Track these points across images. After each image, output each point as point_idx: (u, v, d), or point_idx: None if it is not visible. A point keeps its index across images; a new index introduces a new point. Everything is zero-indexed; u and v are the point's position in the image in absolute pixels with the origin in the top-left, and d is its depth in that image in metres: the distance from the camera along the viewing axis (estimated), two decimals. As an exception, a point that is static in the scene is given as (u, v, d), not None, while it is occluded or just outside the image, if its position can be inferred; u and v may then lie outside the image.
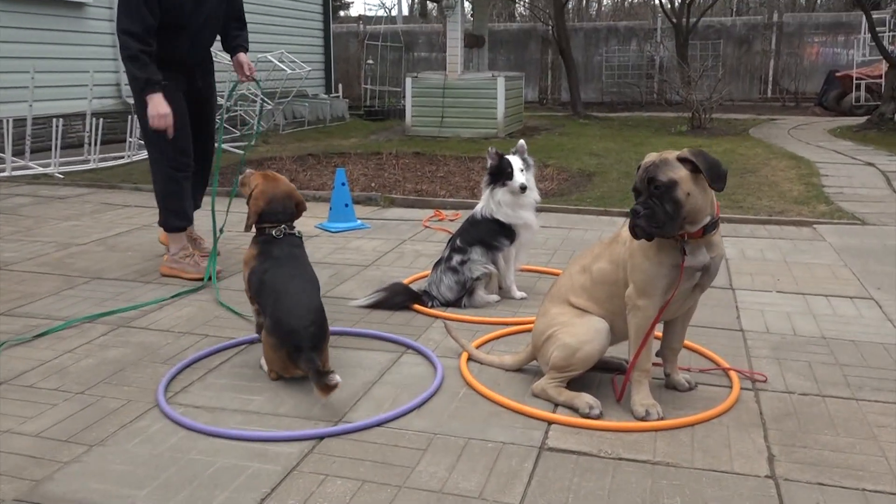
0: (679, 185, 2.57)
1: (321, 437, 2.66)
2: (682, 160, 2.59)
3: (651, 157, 2.65)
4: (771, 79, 19.56)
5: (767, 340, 3.58)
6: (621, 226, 2.96)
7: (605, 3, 32.85)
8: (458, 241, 4.16)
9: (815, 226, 6.00)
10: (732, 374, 3.14)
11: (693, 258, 2.71)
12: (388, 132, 13.27)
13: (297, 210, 3.36)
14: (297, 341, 3.00)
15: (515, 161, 4.10)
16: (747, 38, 19.66)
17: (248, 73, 4.75)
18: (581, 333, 2.87)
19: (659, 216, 2.57)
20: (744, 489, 2.34)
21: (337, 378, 2.81)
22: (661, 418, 2.77)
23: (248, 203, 3.32)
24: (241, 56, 4.76)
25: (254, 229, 3.32)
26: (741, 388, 3.03)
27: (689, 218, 2.62)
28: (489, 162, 4.17)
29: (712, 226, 2.71)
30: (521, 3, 23.91)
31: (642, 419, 2.77)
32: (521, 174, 4.07)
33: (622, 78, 19.91)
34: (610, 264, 2.90)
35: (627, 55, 20.02)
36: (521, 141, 4.28)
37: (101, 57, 10.49)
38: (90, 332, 3.69)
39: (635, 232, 2.63)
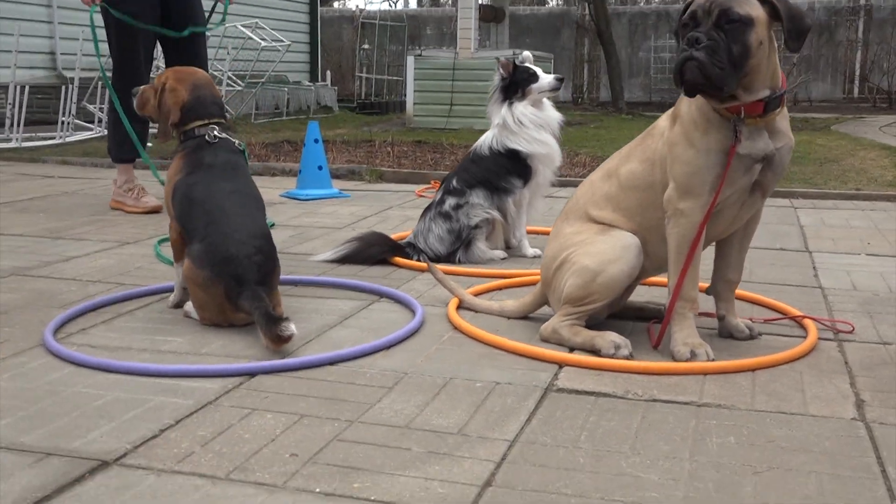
0: (755, 26, 2.37)
1: (252, 374, 2.44)
2: None
3: None
4: (858, 74, 19.43)
5: (854, 297, 3.35)
6: (662, 118, 2.75)
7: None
8: (453, 182, 3.96)
9: (915, 201, 5.77)
10: (808, 322, 2.91)
11: (751, 143, 2.49)
12: (384, 124, 13.17)
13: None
14: (238, 272, 2.79)
15: (533, 66, 3.96)
16: (828, 26, 19.59)
17: None
18: (603, 251, 2.64)
19: (721, 55, 2.34)
20: (823, 430, 2.10)
21: (293, 327, 2.59)
22: (712, 360, 2.52)
23: (157, 111, 3.11)
24: None
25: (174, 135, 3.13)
26: (819, 338, 2.79)
27: (749, 76, 2.41)
28: (498, 75, 4.00)
29: (775, 102, 2.50)
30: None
31: (687, 361, 2.52)
32: (546, 73, 3.96)
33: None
34: (642, 164, 2.68)
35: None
36: (526, 52, 4.13)
37: (32, 18, 10.48)
38: (-27, 278, 3.50)
39: (685, 71, 2.38)
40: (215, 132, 3.06)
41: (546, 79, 4.00)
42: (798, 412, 2.21)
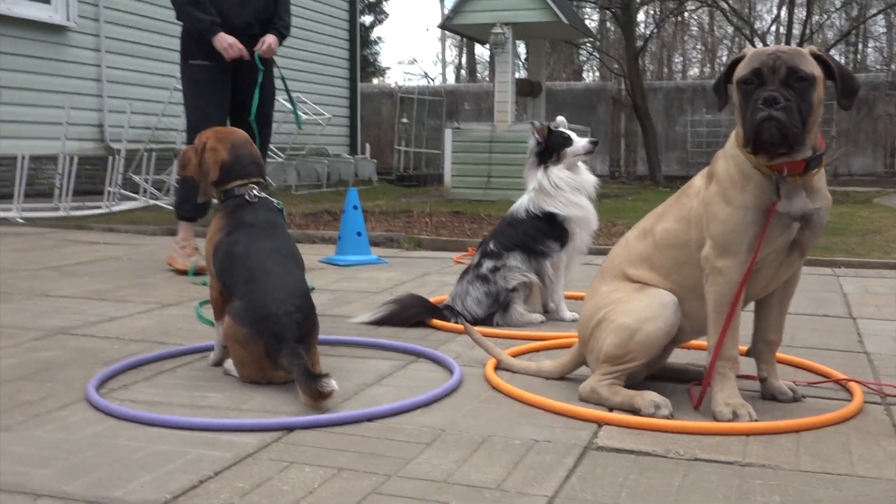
0: (817, 84, 2.41)
1: (291, 428, 2.44)
2: (816, 57, 2.45)
3: (778, 46, 2.51)
4: (898, 148, 19.35)
5: (901, 362, 3.29)
6: (703, 172, 2.77)
7: (689, 57, 33.34)
8: (491, 245, 3.98)
9: (960, 270, 5.69)
10: (853, 385, 2.86)
11: (789, 201, 2.49)
12: (422, 196, 13.31)
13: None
14: (277, 329, 2.81)
15: (568, 131, 4.01)
16: (867, 100, 19.58)
17: (263, 48, 5.21)
18: (640, 309, 2.64)
19: (795, 115, 2.38)
20: (871, 490, 2.05)
21: (333, 384, 2.60)
22: (755, 420, 2.48)
23: (198, 170, 3.18)
24: (269, 36, 5.27)
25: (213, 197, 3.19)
26: (865, 402, 2.74)
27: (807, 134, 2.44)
28: (533, 140, 4.06)
29: (815, 161, 2.51)
30: (589, 52, 24.40)
31: (729, 421, 2.49)
32: (580, 138, 4.00)
33: (711, 146, 19.88)
34: (678, 222, 2.69)
35: (718, 119, 20.05)
36: (560, 117, 4.19)
37: (83, 92, 10.81)
38: (19, 336, 3.56)
39: (762, 130, 2.38)
40: (255, 191, 3.12)
41: (580, 142, 4.05)
42: (845, 473, 2.17)
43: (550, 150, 4.05)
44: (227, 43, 5.11)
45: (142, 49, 11.52)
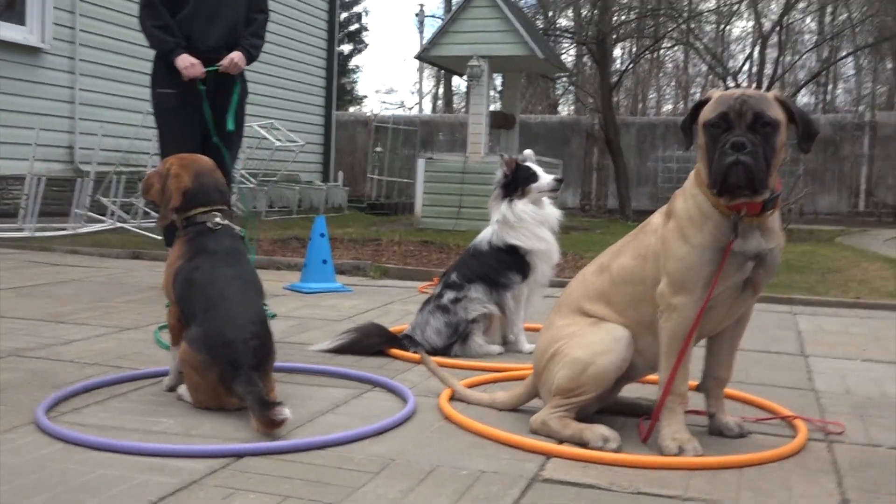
0: (780, 129, 2.48)
1: (240, 455, 2.45)
2: (779, 102, 2.52)
3: (744, 90, 2.55)
4: (864, 189, 19.66)
5: (847, 400, 3.35)
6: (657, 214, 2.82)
7: (663, 94, 33.76)
8: (453, 276, 4.02)
9: (916, 311, 5.78)
10: (798, 422, 2.90)
11: (744, 241, 2.55)
12: (393, 224, 13.34)
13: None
14: (234, 357, 2.82)
15: (535, 166, 4.06)
16: (834, 141, 19.90)
17: (226, 63, 5.25)
18: (594, 343, 2.68)
19: (760, 159, 2.44)
20: (807, 527, 2.08)
21: (286, 412, 2.61)
22: (700, 456, 2.52)
23: (160, 195, 3.17)
24: (235, 52, 5.32)
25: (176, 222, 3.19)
26: (809, 439, 2.78)
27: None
28: (500, 172, 4.10)
29: (772, 202, 2.57)
30: (564, 86, 24.64)
31: (674, 456, 2.52)
32: (546, 174, 4.05)
33: (681, 183, 19.93)
34: (635, 259, 2.74)
35: (689, 156, 20.27)
36: (529, 150, 4.24)
37: (54, 113, 10.77)
38: (-28, 358, 3.54)
39: (730, 174, 2.43)
40: (217, 219, 3.13)
41: (546, 179, 4.10)
42: (783, 509, 2.20)
43: (516, 183, 4.09)
44: (188, 62, 5.18)
45: (116, 72, 11.51)
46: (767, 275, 2.65)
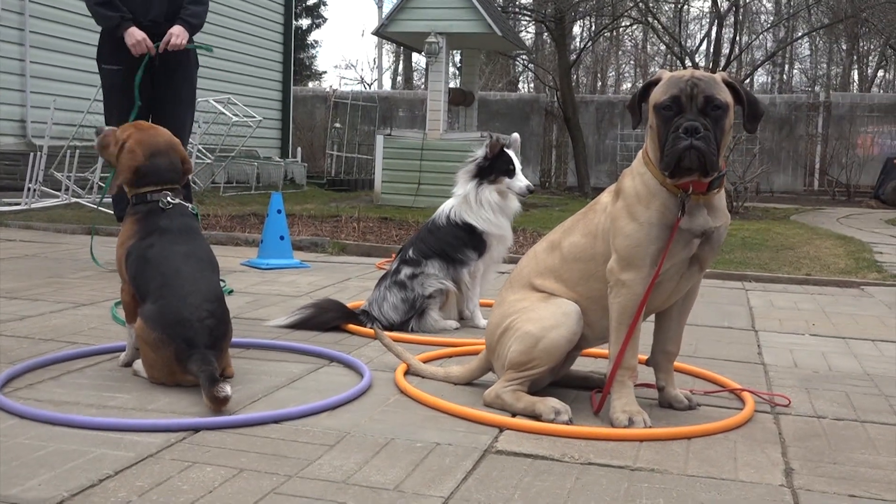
0: (729, 111, 2.54)
1: (196, 429, 2.46)
2: (727, 84, 2.56)
3: (693, 72, 2.58)
4: (818, 168, 19.98)
5: (795, 374, 3.45)
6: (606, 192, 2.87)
7: (622, 73, 33.93)
8: (410, 252, 4.04)
9: (863, 287, 5.93)
10: (746, 394, 2.99)
11: (690, 219, 2.60)
12: (352, 201, 13.30)
13: (184, 169, 3.22)
14: (189, 335, 2.82)
15: (515, 159, 4.08)
16: (789, 120, 20.20)
17: (171, 41, 5.13)
18: (545, 318, 2.73)
19: (712, 142, 2.49)
20: (750, 495, 2.16)
21: (227, 389, 2.62)
22: (649, 427, 2.59)
23: (115, 162, 3.14)
24: (174, 27, 5.18)
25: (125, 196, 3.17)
26: (756, 411, 2.86)
27: None
28: (482, 152, 4.11)
29: (717, 181, 2.63)
30: (523, 63, 24.64)
31: (625, 427, 2.58)
32: (522, 175, 4.07)
33: (640, 160, 20.25)
34: (585, 237, 2.79)
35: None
36: (516, 133, 4.27)
37: (4, 86, 10.58)
38: (-76, 333, 3.50)
39: (684, 158, 2.47)
40: (168, 198, 3.10)
41: (520, 182, 4.11)
42: (728, 478, 2.27)
43: (492, 169, 4.10)
44: (135, 39, 5.11)
45: (67, 45, 11.32)
46: (713, 251, 2.72)
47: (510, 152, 4.15)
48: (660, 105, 2.55)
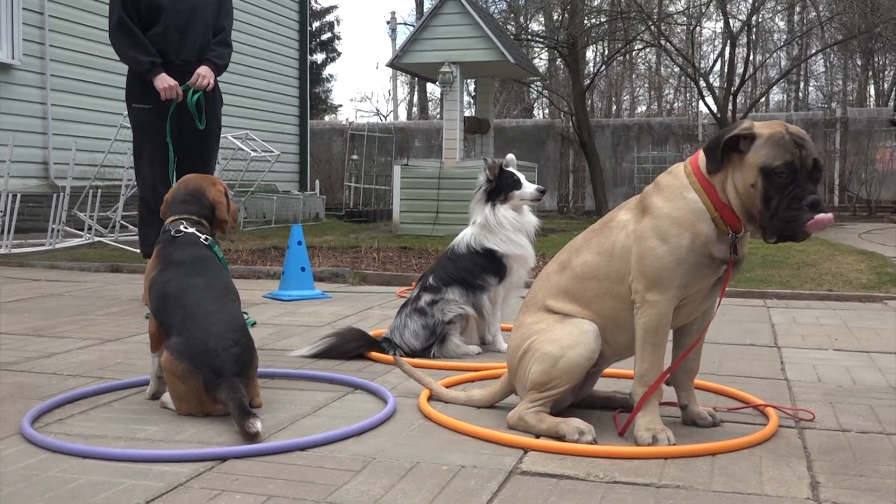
0: None
1: (223, 458, 2.49)
2: None
3: (790, 128, 2.55)
4: (837, 184, 19.89)
5: (818, 388, 3.44)
6: (616, 210, 2.89)
7: (637, 96, 33.99)
8: (430, 279, 4.08)
9: (886, 301, 5.90)
10: (769, 410, 2.99)
11: (722, 247, 2.64)
12: (371, 231, 13.39)
13: (215, 213, 3.29)
14: (216, 364, 2.86)
15: (517, 172, 4.13)
16: (806, 138, 20.11)
17: (197, 82, 5.29)
18: (563, 337, 2.75)
19: None
20: (776, 508, 2.16)
21: (258, 425, 2.65)
22: (673, 445, 2.59)
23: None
24: (201, 67, 5.34)
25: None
26: (780, 426, 2.87)
27: None
28: (483, 177, 4.16)
29: None
30: (538, 90, 24.75)
31: (649, 445, 2.59)
32: (528, 182, 4.11)
33: (658, 182, 20.24)
34: (598, 255, 2.80)
35: (664, 156, 20.48)
36: (511, 155, 4.31)
37: (27, 129, 10.77)
38: (-46, 373, 3.56)
39: (803, 233, 2.48)
40: (181, 227, 3.18)
41: (529, 188, 4.16)
42: (754, 492, 2.28)
43: (500, 189, 4.15)
44: (165, 84, 5.25)
45: (87, 87, 11.52)
46: (737, 273, 2.75)
47: (511, 169, 4.21)
48: (772, 170, 2.49)
